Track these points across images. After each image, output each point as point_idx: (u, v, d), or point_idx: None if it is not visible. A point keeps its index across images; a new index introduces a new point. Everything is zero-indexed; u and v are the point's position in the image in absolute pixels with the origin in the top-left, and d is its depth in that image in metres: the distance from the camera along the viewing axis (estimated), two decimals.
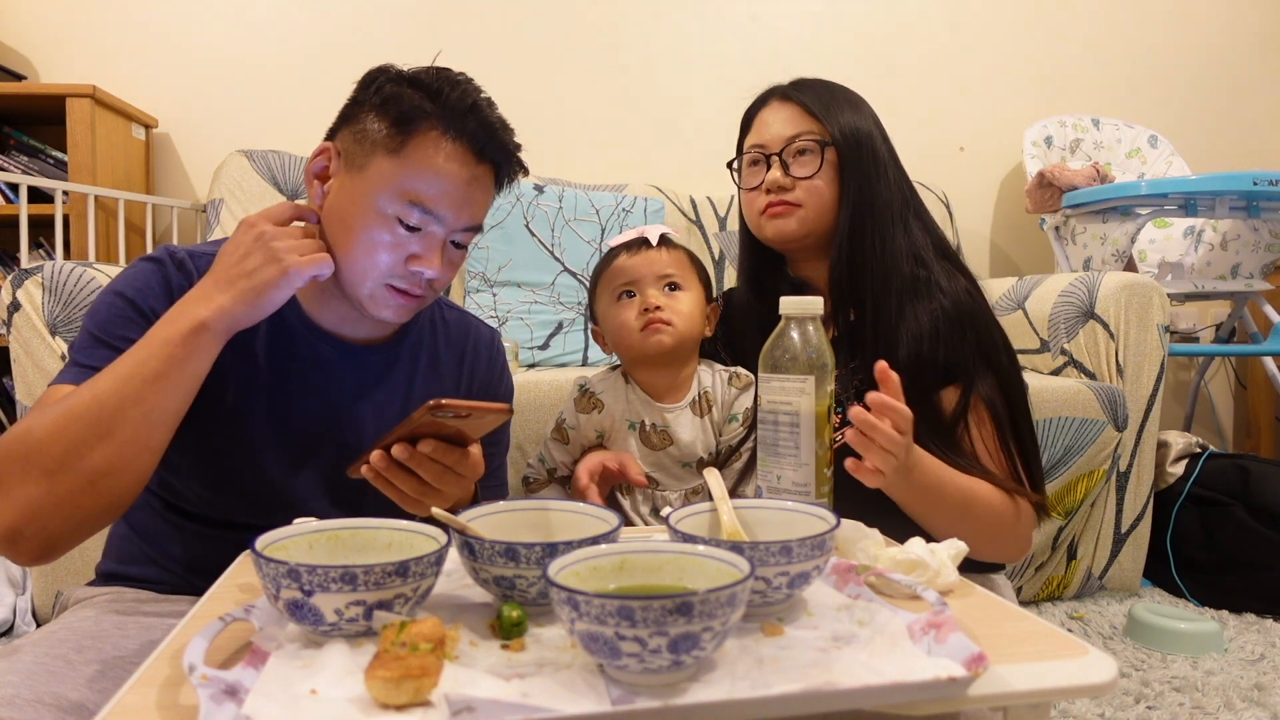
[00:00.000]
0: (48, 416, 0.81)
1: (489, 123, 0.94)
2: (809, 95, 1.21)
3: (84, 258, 2.21)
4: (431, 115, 0.92)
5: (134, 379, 0.82)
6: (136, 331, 0.90)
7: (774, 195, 1.19)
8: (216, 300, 0.86)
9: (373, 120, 0.93)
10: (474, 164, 0.94)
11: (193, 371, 0.85)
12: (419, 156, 0.91)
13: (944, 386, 1.12)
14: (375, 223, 0.92)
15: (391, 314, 0.96)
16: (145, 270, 0.96)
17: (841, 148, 1.18)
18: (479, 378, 1.14)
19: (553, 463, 1.25)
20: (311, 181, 0.98)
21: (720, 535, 0.74)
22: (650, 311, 1.15)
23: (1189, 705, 1.43)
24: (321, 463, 1.01)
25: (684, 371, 1.21)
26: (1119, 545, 2.02)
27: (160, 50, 2.57)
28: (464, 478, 0.86)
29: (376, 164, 0.92)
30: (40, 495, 0.80)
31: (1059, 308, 2.08)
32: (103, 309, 0.93)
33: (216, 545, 0.89)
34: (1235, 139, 3.07)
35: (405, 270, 0.93)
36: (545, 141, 2.69)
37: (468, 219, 0.95)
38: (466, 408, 0.78)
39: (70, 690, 0.75)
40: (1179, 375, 3.08)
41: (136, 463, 0.84)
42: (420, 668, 0.51)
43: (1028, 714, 0.58)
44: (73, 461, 0.80)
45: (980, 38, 2.94)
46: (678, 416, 1.19)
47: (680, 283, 1.18)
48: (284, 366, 0.99)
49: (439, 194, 0.92)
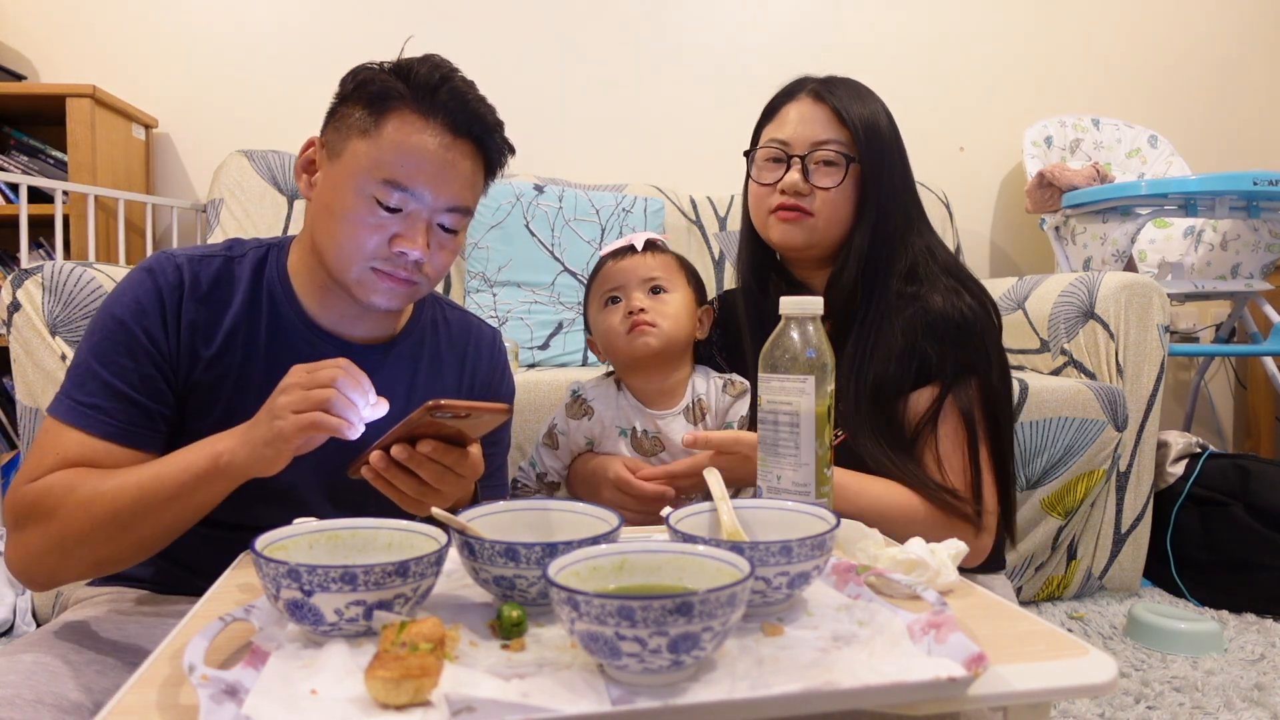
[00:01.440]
0: (72, 499, 0.85)
1: (461, 94, 0.93)
2: (843, 99, 1.16)
3: (84, 258, 2.21)
4: (403, 95, 0.92)
5: (150, 497, 0.85)
6: (130, 359, 0.92)
7: (788, 198, 1.16)
8: (233, 442, 0.84)
9: (349, 106, 0.94)
10: (450, 139, 0.93)
11: (202, 502, 0.87)
12: (393, 136, 0.91)
13: (914, 389, 1.10)
14: (355, 205, 0.91)
15: (381, 299, 0.96)
16: (138, 284, 0.95)
17: (866, 166, 1.14)
18: (480, 378, 1.14)
19: (543, 468, 1.25)
20: (300, 176, 0.99)
21: (720, 535, 0.74)
22: (634, 314, 1.15)
23: (1189, 705, 1.43)
24: (322, 463, 1.00)
25: (676, 376, 1.20)
26: (1119, 545, 2.02)
27: (160, 50, 2.57)
28: (464, 478, 0.86)
29: (352, 148, 0.92)
30: (52, 557, 0.87)
31: (1059, 308, 2.08)
32: (98, 332, 0.94)
33: (217, 545, 0.89)
34: (1235, 139, 3.07)
35: (389, 252, 0.93)
36: (545, 141, 2.69)
37: (449, 197, 0.94)
38: (466, 408, 0.78)
39: (70, 690, 0.75)
40: (1179, 375, 3.08)
41: (151, 551, 0.90)
42: (420, 668, 0.51)
43: (1028, 714, 0.58)
44: (86, 547, 0.86)
45: (980, 38, 2.94)
46: (670, 423, 1.18)
47: (666, 286, 1.17)
48: (285, 366, 0.98)
49: (414, 170, 0.91)
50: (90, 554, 0.87)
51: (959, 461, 1.09)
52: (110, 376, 0.91)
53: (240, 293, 0.99)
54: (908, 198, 1.19)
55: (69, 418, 0.90)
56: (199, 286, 0.97)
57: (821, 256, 1.21)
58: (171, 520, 0.86)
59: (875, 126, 1.16)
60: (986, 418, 1.11)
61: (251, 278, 1.00)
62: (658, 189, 2.53)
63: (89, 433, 0.89)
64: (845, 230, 1.17)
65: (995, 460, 1.11)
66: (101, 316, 0.94)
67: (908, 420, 1.10)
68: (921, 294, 1.13)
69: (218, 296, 0.98)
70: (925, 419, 1.09)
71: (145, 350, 0.93)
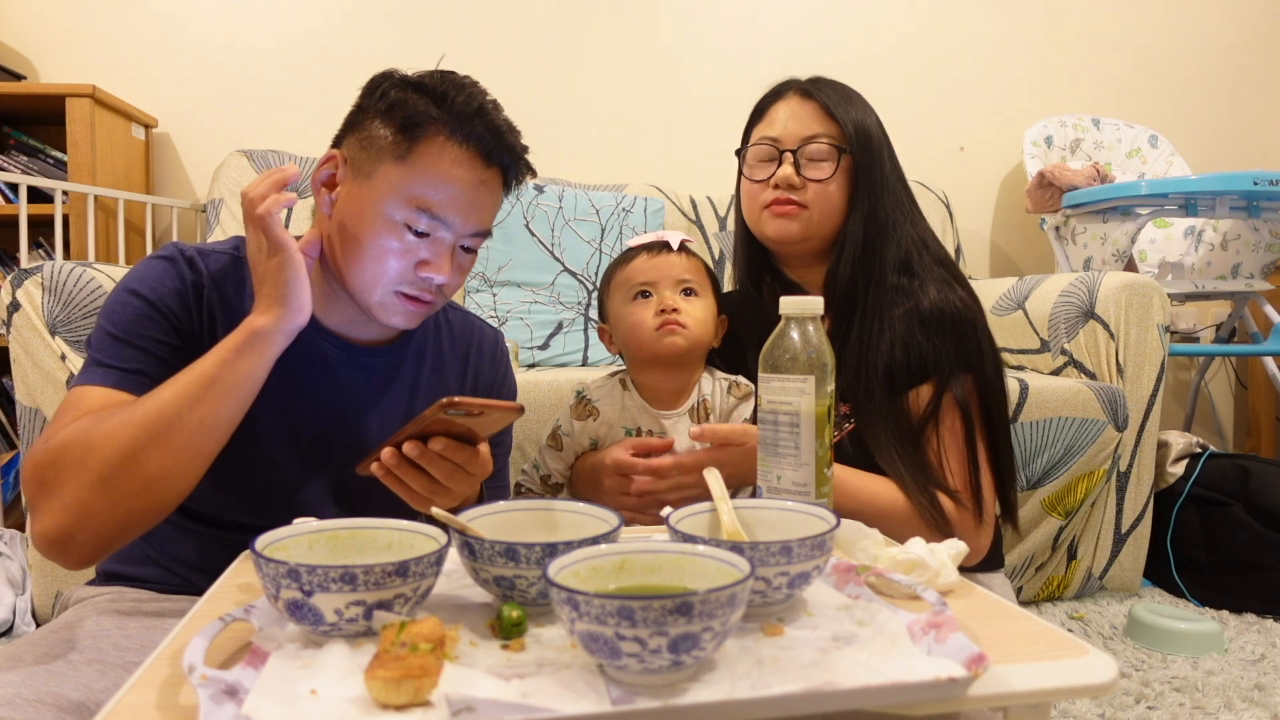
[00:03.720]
0: (106, 424, 0.82)
1: (496, 126, 0.94)
2: (829, 95, 1.19)
3: (84, 258, 2.21)
4: (438, 120, 0.91)
5: (192, 386, 0.84)
6: (156, 329, 0.91)
7: (781, 193, 1.17)
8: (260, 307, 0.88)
9: (379, 126, 0.92)
10: (481, 168, 0.94)
11: (245, 373, 0.86)
12: (426, 163, 0.91)
13: (915, 386, 1.11)
14: (384, 230, 0.91)
15: (402, 320, 0.96)
16: (158, 268, 0.95)
17: (857, 155, 1.16)
18: (483, 378, 1.15)
19: (546, 469, 1.25)
20: (319, 189, 0.97)
21: (720, 535, 0.74)
22: (667, 312, 1.14)
23: (1189, 705, 1.43)
24: (328, 464, 1.01)
25: (689, 378, 1.20)
26: (1119, 545, 2.02)
27: (160, 50, 2.57)
28: (473, 476, 0.87)
29: (384, 171, 0.91)
30: (94, 499, 0.81)
31: (1059, 308, 2.08)
32: (119, 308, 0.92)
33: (220, 546, 0.89)
34: (1235, 139, 3.07)
35: (415, 277, 0.93)
36: (545, 141, 2.68)
37: (476, 224, 0.95)
38: (479, 405, 0.78)
39: (70, 690, 0.75)
40: (1179, 375, 3.08)
41: (190, 468, 0.86)
42: (420, 668, 0.51)
43: (1028, 714, 0.58)
44: (129, 467, 0.81)
45: (980, 38, 2.94)
46: (675, 424, 1.18)
47: (696, 289, 1.18)
48: (290, 368, 0.98)
49: (447, 199, 0.91)
50: (136, 478, 0.81)
51: (957, 458, 1.10)
52: (143, 344, 0.90)
53: (248, 291, 0.98)
54: (899, 187, 1.21)
55: (93, 379, 0.88)
56: (214, 279, 0.97)
57: (816, 250, 1.22)
58: (215, 413, 0.84)
59: (863, 120, 1.19)
60: (982, 412, 1.12)
61: None
62: (658, 189, 2.53)
63: (117, 388, 0.87)
64: (839, 221, 1.19)
65: (991, 455, 1.12)
66: (120, 294, 0.93)
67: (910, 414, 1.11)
68: (915, 287, 1.14)
69: (228, 291, 0.98)
70: (926, 415, 1.10)
71: (176, 326, 0.92)
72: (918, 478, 1.07)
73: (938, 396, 1.10)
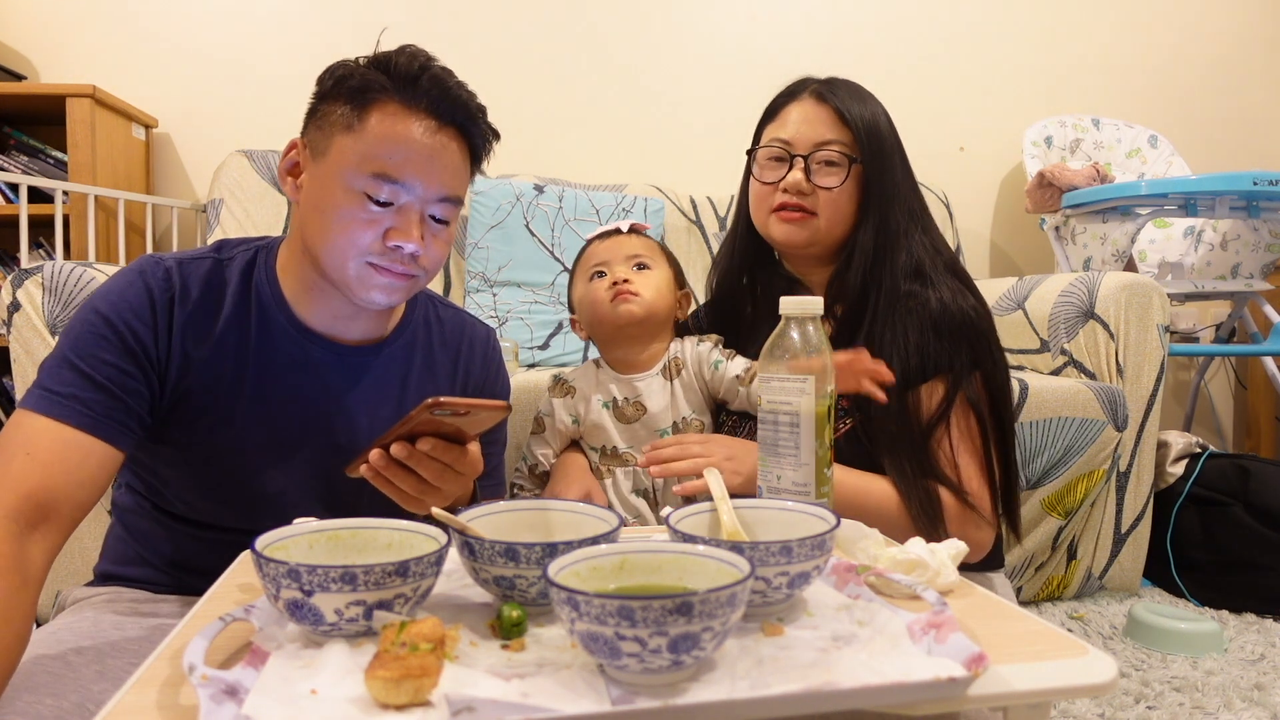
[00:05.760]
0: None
1: (442, 82, 0.93)
2: (844, 100, 1.17)
3: (84, 258, 2.21)
4: (385, 87, 0.91)
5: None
6: (107, 350, 0.89)
7: (790, 197, 1.17)
8: None
9: (330, 104, 0.93)
10: (435, 128, 0.92)
11: None
12: (379, 129, 0.90)
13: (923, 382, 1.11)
14: (345, 202, 0.90)
15: (382, 295, 0.94)
16: (124, 282, 0.93)
17: (868, 164, 1.15)
18: (474, 376, 1.14)
19: (533, 459, 1.28)
20: (285, 179, 0.98)
21: (720, 535, 0.74)
22: (619, 284, 1.20)
23: (1189, 705, 1.43)
24: (315, 466, 1.00)
25: (655, 346, 1.25)
26: (1119, 545, 2.02)
27: (160, 50, 2.57)
28: (463, 475, 0.86)
29: (338, 144, 0.91)
30: None
31: (1059, 308, 2.08)
32: (77, 324, 0.91)
33: (207, 546, 0.88)
34: (1235, 139, 3.07)
35: (384, 247, 0.92)
36: (545, 141, 2.69)
37: (439, 187, 0.93)
38: (465, 405, 0.78)
39: (70, 690, 0.75)
40: (1179, 375, 3.08)
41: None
42: (420, 668, 0.51)
43: (1028, 714, 0.58)
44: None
45: (980, 38, 2.94)
46: (649, 384, 1.23)
47: (648, 263, 1.24)
48: (274, 371, 0.97)
49: (402, 162, 0.90)
50: None
51: (970, 457, 1.10)
52: (88, 368, 0.87)
53: (230, 296, 0.97)
54: (911, 195, 1.20)
55: (40, 407, 0.85)
56: (189, 291, 0.95)
57: (822, 254, 1.21)
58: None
59: (876, 127, 1.17)
60: (992, 417, 1.12)
61: (240, 280, 0.98)
62: (658, 189, 2.53)
63: (64, 422, 0.84)
64: (847, 229, 1.18)
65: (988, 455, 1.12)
66: (84, 313, 0.92)
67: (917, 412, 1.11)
68: (927, 292, 1.14)
69: (209, 300, 0.96)
70: (937, 416, 1.10)
71: (129, 348, 0.90)
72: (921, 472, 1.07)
73: (950, 396, 1.10)
